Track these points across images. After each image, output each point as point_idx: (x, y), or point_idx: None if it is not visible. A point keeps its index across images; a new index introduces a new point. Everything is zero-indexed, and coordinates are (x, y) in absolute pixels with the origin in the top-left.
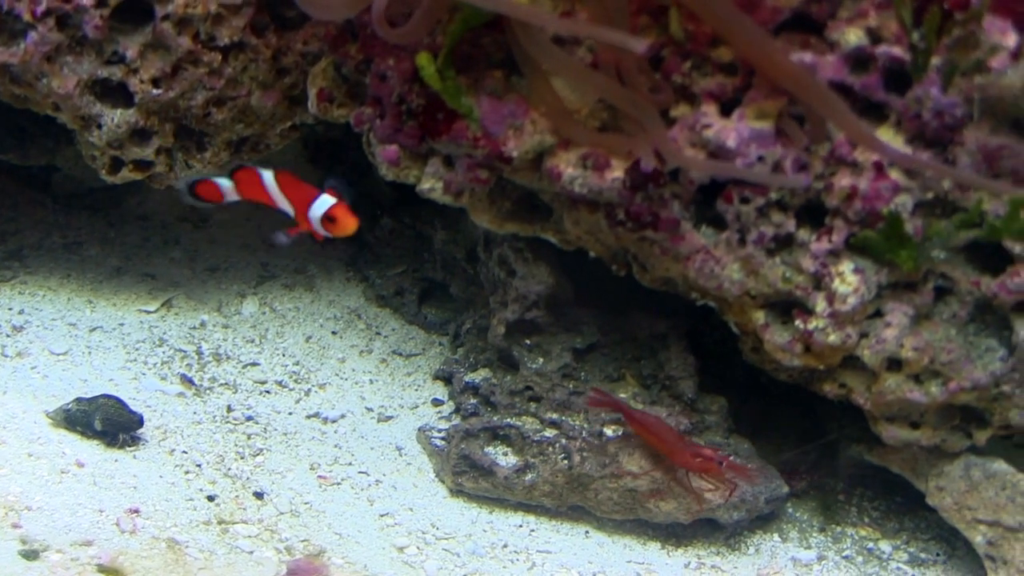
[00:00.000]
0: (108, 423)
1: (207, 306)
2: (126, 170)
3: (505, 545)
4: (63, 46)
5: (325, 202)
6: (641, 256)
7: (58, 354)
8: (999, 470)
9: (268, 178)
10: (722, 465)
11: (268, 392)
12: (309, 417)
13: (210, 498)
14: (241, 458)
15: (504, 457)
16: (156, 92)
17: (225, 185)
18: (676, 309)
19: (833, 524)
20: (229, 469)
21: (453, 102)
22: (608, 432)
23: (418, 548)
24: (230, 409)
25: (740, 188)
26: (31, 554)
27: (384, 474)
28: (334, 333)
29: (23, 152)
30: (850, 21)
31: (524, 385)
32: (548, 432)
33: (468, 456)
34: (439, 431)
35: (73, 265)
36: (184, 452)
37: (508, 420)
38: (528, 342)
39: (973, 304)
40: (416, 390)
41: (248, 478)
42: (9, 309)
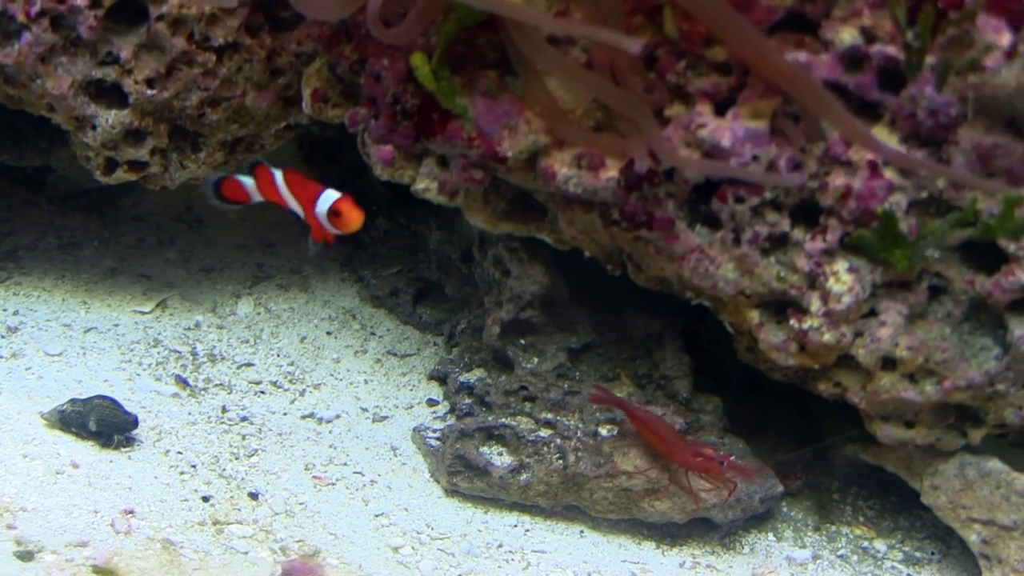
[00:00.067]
0: (103, 424)
1: (202, 307)
2: (121, 171)
3: (500, 545)
4: (57, 47)
5: (330, 196)
6: (636, 256)
7: (53, 355)
8: (994, 469)
9: (279, 177)
10: (723, 464)
11: (263, 392)
12: (304, 417)
13: (205, 499)
14: (236, 459)
15: (499, 457)
16: (150, 93)
17: (249, 184)
18: (671, 309)
19: (828, 523)
20: (224, 470)
21: (447, 102)
22: (603, 432)
23: (413, 548)
24: (225, 410)
25: (735, 187)
26: (26, 555)
27: (379, 474)
28: (329, 333)
29: (17, 153)
30: (844, 20)
31: (519, 385)
32: (543, 432)
33: (463, 456)
34: (434, 431)
35: (68, 266)
36: (179, 453)
37: (503, 420)
38: (523, 342)
39: (968, 303)
40: (411, 390)
41: (243, 479)
42: (4, 310)
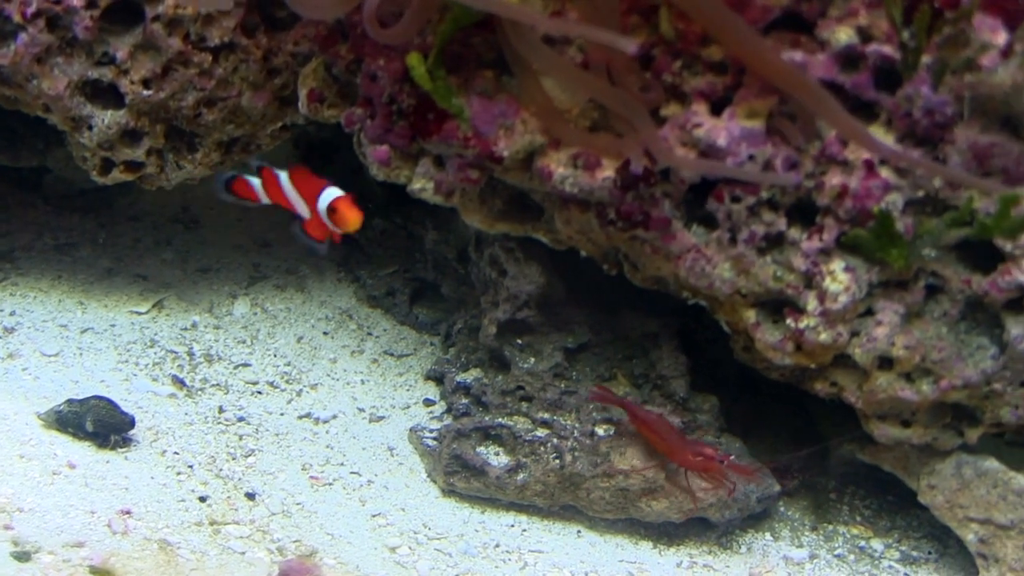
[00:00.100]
0: (99, 424)
1: (198, 307)
2: (117, 171)
3: (497, 545)
4: (53, 47)
5: (331, 194)
6: (632, 255)
7: (49, 355)
8: (990, 468)
9: (283, 178)
10: (723, 464)
11: (259, 393)
12: (301, 418)
13: (202, 499)
14: (233, 459)
15: (496, 457)
16: (147, 93)
17: (258, 185)
18: (667, 308)
19: (825, 522)
20: (221, 470)
21: (443, 102)
22: (600, 431)
23: (410, 548)
24: (221, 410)
25: (731, 187)
26: (23, 556)
27: (376, 474)
28: (325, 334)
29: (14, 154)
30: (840, 20)
31: (515, 385)
32: (540, 432)
33: (460, 456)
34: (431, 431)
35: (64, 266)
36: (176, 453)
37: (500, 420)
38: (519, 342)
39: (964, 302)
40: (408, 390)
41: (240, 479)
42: (0, 311)
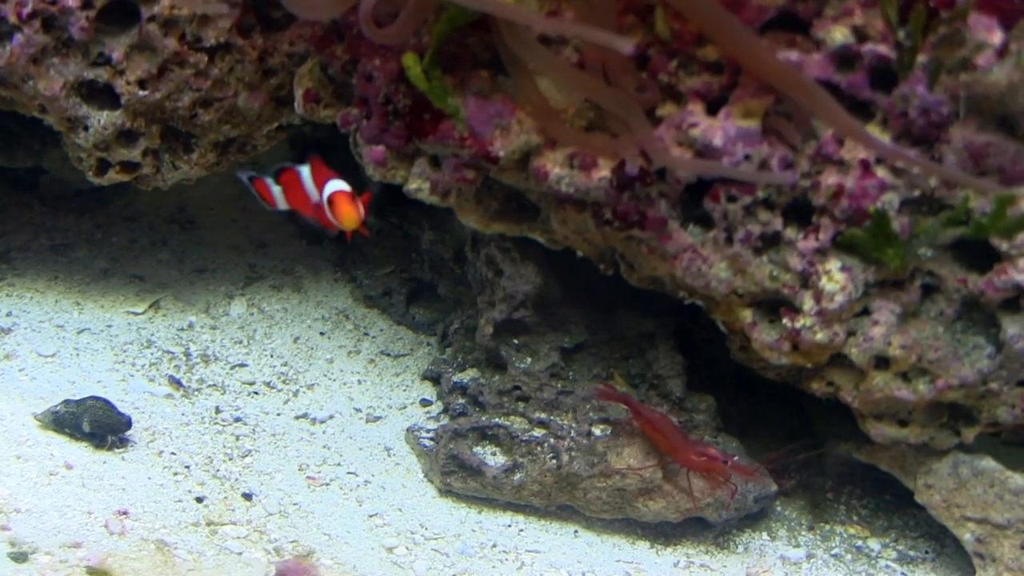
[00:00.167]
0: (96, 425)
1: (195, 307)
2: (113, 172)
3: (494, 545)
4: (49, 48)
5: (332, 186)
6: (628, 255)
7: (46, 356)
8: (987, 467)
9: (305, 174)
10: (726, 464)
11: (256, 393)
12: (297, 418)
13: (199, 499)
14: (230, 459)
15: (492, 457)
16: (142, 93)
17: (276, 192)
18: (664, 308)
19: (822, 522)
20: (218, 470)
21: (439, 102)
22: (596, 431)
23: (407, 548)
24: (218, 410)
25: (727, 187)
26: (20, 556)
27: (373, 474)
28: (322, 334)
29: (9, 154)
30: (836, 19)
31: (512, 385)
32: (536, 432)
33: (457, 456)
34: (427, 431)
35: (61, 267)
36: (172, 454)
37: (496, 420)
38: (516, 342)
39: (960, 302)
40: (404, 390)
41: (237, 479)
42: None
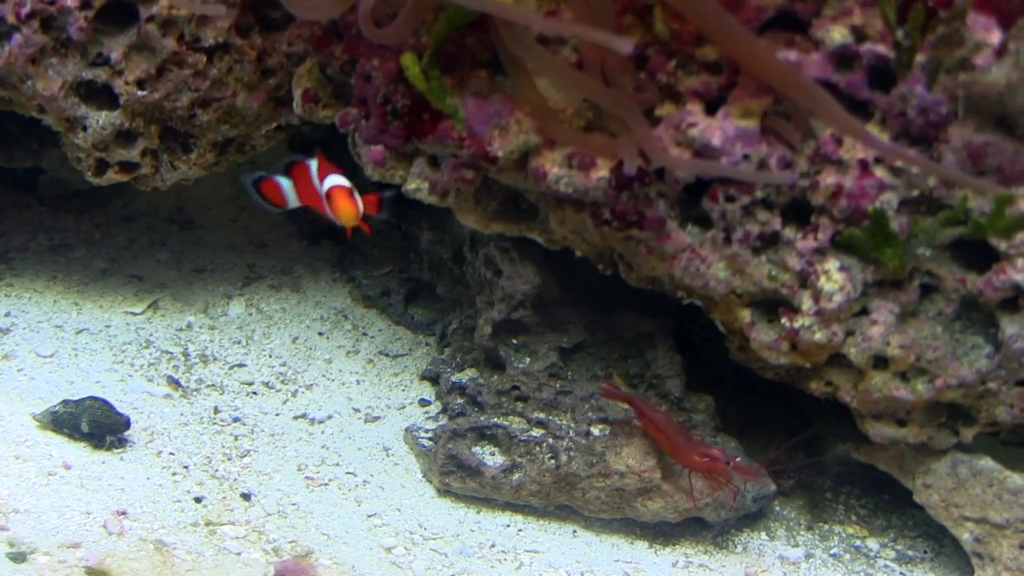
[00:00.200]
0: (95, 425)
1: (193, 307)
2: (111, 172)
3: (493, 545)
4: (48, 48)
5: (331, 181)
6: (627, 255)
7: (44, 356)
8: (986, 467)
9: (313, 167)
10: (729, 465)
11: (255, 393)
12: (296, 418)
13: (197, 500)
14: (228, 459)
15: (491, 457)
16: (141, 94)
17: (287, 186)
18: (662, 308)
19: (820, 522)
20: (216, 471)
21: (438, 102)
22: (595, 431)
23: (406, 548)
24: (217, 410)
25: (726, 187)
26: (19, 556)
27: (371, 475)
28: (321, 334)
29: (8, 154)
30: (834, 19)
31: (511, 385)
32: (535, 432)
33: (455, 456)
34: (426, 431)
35: (59, 267)
36: (171, 454)
37: (495, 420)
38: (515, 342)
39: (959, 302)
40: (403, 390)
41: (235, 479)
42: None
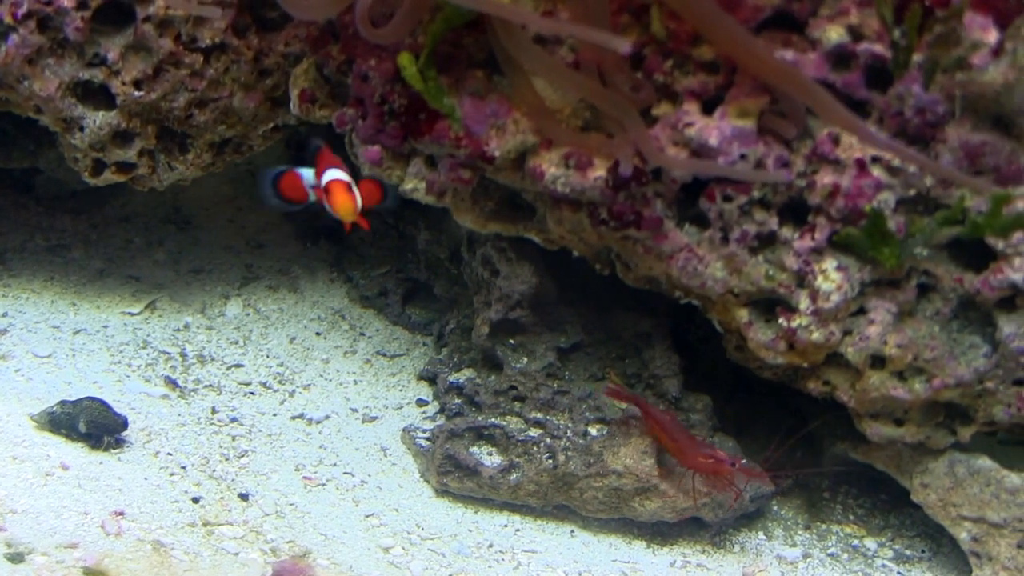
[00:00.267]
0: (93, 425)
1: (191, 308)
2: (109, 172)
3: (491, 545)
4: (44, 48)
5: (330, 175)
6: (624, 255)
7: (42, 357)
8: (983, 467)
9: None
10: (734, 467)
11: (252, 394)
12: (294, 418)
13: (195, 500)
14: (226, 460)
15: (489, 457)
16: (138, 94)
17: (309, 177)
18: (660, 308)
19: (818, 522)
20: (214, 471)
21: (435, 102)
22: (593, 431)
23: (404, 548)
24: (214, 411)
25: (723, 186)
26: (16, 557)
27: (369, 475)
28: (318, 334)
29: (5, 155)
30: (831, 19)
31: (508, 385)
32: (533, 432)
33: (453, 456)
34: (424, 431)
35: (56, 268)
36: (169, 454)
37: (493, 420)
38: (512, 342)
39: (956, 301)
40: (400, 390)
41: (233, 480)
42: None
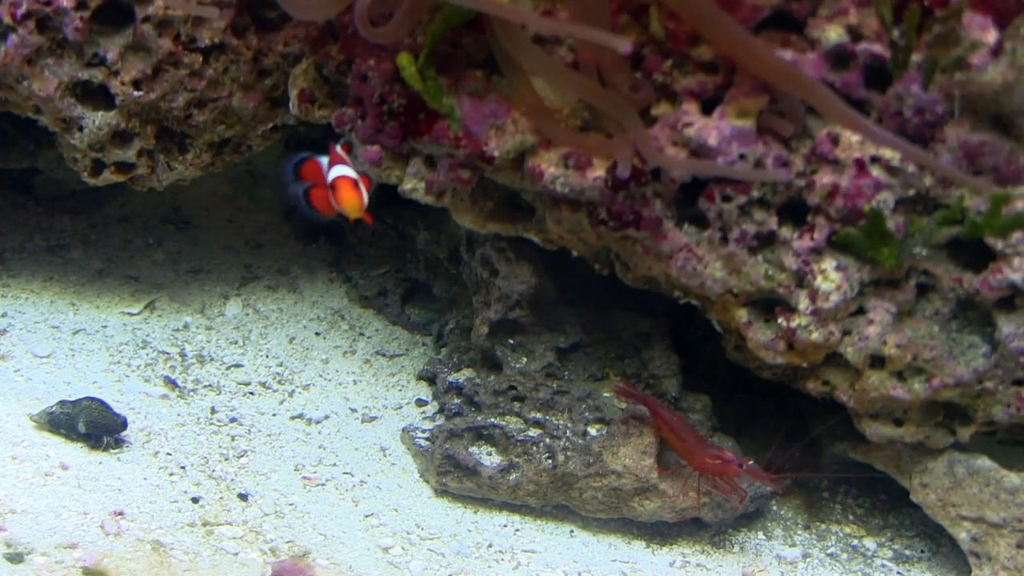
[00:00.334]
0: (92, 426)
1: (190, 308)
2: (108, 172)
3: (490, 545)
4: (44, 48)
5: (337, 171)
6: (624, 255)
7: (41, 357)
8: (983, 467)
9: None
10: (742, 468)
11: (252, 394)
12: (293, 418)
13: (194, 500)
14: (225, 460)
15: (488, 457)
16: (137, 94)
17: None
18: (659, 308)
19: (817, 521)
20: (213, 471)
21: (434, 102)
22: (592, 431)
23: (403, 548)
24: (214, 411)
25: (722, 186)
26: (16, 557)
27: (368, 475)
28: (317, 334)
29: (4, 155)
30: (830, 19)
31: (508, 385)
32: (532, 431)
33: (452, 456)
34: (423, 431)
35: (56, 268)
36: (168, 454)
37: (492, 420)
38: (511, 342)
39: (955, 301)
40: (400, 390)
41: (232, 480)
42: None
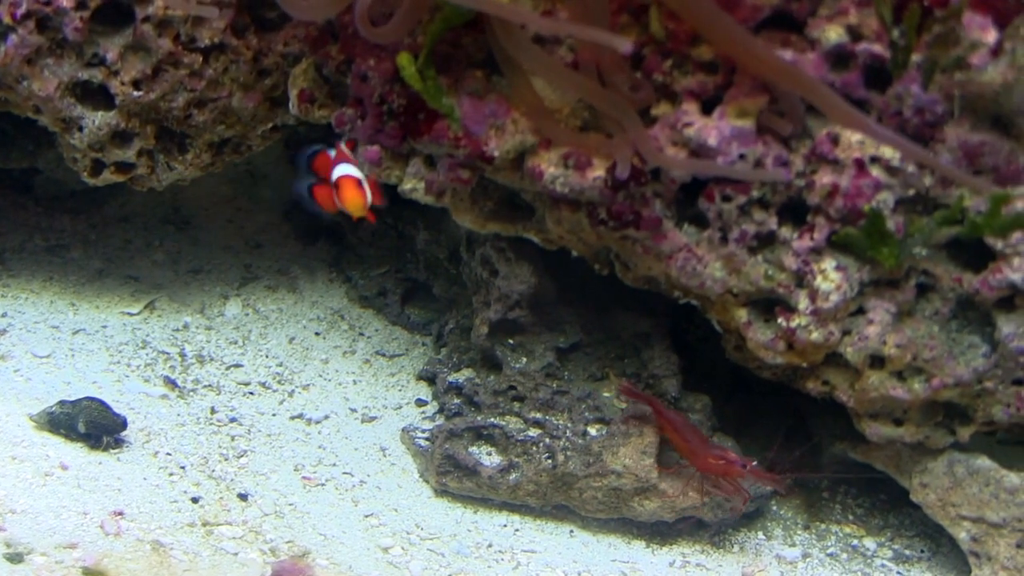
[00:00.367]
0: (92, 426)
1: (190, 308)
2: (108, 172)
3: (490, 545)
4: (43, 48)
5: (341, 170)
6: (623, 255)
7: (41, 357)
8: (982, 466)
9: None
10: (746, 469)
11: (251, 394)
12: (293, 418)
13: (194, 500)
14: (225, 460)
15: (488, 457)
16: (137, 94)
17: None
18: (659, 308)
19: (817, 521)
20: (213, 471)
21: (434, 102)
22: (592, 431)
23: (403, 548)
24: (214, 411)
25: (722, 186)
26: (15, 557)
27: (368, 475)
28: (317, 334)
29: (4, 155)
30: (830, 19)
31: (507, 385)
32: (532, 431)
33: (452, 456)
34: (423, 431)
35: (55, 268)
36: (168, 454)
37: (492, 420)
38: (511, 342)
39: (955, 301)
40: (400, 390)
41: (232, 480)
42: None
